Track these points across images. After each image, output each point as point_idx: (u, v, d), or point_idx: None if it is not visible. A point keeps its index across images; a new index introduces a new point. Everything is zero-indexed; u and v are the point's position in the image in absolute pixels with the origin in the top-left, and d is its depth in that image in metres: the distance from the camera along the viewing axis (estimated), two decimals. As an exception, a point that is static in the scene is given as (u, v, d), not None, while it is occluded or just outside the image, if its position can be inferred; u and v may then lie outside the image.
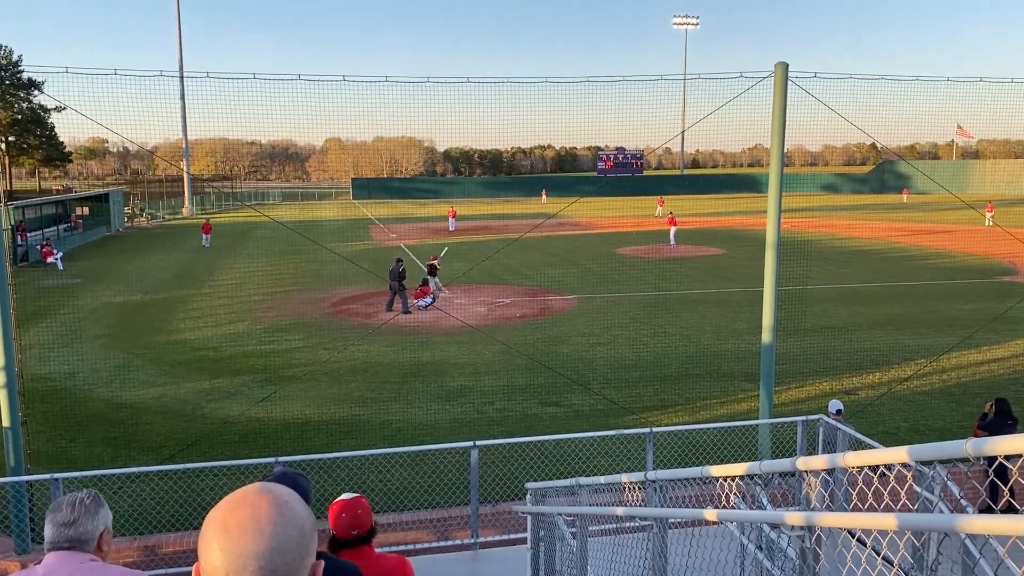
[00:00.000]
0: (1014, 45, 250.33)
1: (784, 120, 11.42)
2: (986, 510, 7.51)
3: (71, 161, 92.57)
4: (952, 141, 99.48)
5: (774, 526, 4.12)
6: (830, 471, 3.16)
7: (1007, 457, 1.94)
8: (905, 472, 4.82)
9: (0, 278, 9.88)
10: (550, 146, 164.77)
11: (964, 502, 5.44)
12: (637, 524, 5.22)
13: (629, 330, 21.81)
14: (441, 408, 15.26)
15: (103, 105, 12.73)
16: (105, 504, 3.11)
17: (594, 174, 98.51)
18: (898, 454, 2.32)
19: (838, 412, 10.98)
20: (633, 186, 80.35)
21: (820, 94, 11.70)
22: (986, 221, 45.56)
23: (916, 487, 5.07)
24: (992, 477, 2.43)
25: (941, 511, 4.72)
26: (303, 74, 13.00)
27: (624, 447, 11.83)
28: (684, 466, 8.78)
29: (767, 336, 11.84)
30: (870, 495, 2.95)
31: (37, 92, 69.42)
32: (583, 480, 6.27)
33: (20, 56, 75.15)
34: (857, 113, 13.23)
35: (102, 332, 22.57)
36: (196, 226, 50.80)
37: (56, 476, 8.62)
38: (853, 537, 3.28)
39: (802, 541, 3.12)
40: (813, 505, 3.33)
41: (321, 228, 51.48)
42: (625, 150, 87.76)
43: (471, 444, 9.50)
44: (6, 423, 10.02)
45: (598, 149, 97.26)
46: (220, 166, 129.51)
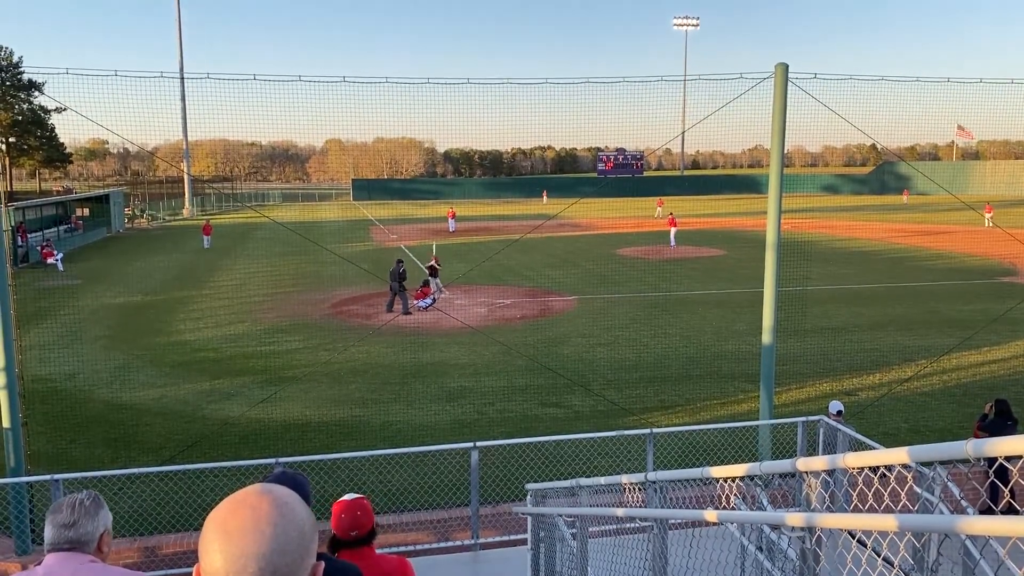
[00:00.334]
0: (1014, 46, 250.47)
1: (784, 121, 11.42)
2: (986, 511, 7.51)
3: (71, 162, 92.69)
4: (952, 142, 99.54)
5: (774, 527, 4.12)
6: (830, 472, 3.16)
7: (1007, 458, 1.94)
8: (905, 473, 4.82)
9: (0, 279, 9.88)
10: (550, 147, 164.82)
11: (964, 503, 5.44)
12: (637, 525, 5.22)
13: (629, 331, 21.80)
14: (441, 409, 15.25)
15: (103, 106, 12.76)
16: (105, 505, 3.11)
17: (594, 175, 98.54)
18: (898, 455, 2.32)
19: (838, 413, 10.98)
20: (633, 187, 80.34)
21: (820, 95, 11.72)
22: (985, 222, 45.55)
23: (916, 488, 5.07)
24: (992, 478, 2.43)
25: (941, 512, 4.72)
26: (303, 75, 13.05)
27: (624, 448, 11.82)
28: (684, 467, 8.79)
29: (767, 337, 11.84)
30: (870, 496, 2.95)
31: (38, 93, 69.57)
32: (583, 481, 6.27)
33: (21, 57, 75.40)
34: (857, 114, 13.24)
35: (102, 333, 22.57)
36: (196, 227, 50.82)
37: (56, 477, 8.62)
38: (853, 538, 3.27)
39: (802, 542, 3.12)
40: (813, 506, 3.32)
41: (321, 229, 51.51)
42: (625, 151, 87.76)
43: (471, 445, 9.50)
44: (6, 424, 10.02)
45: (598, 150, 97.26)
46: (220, 167, 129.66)
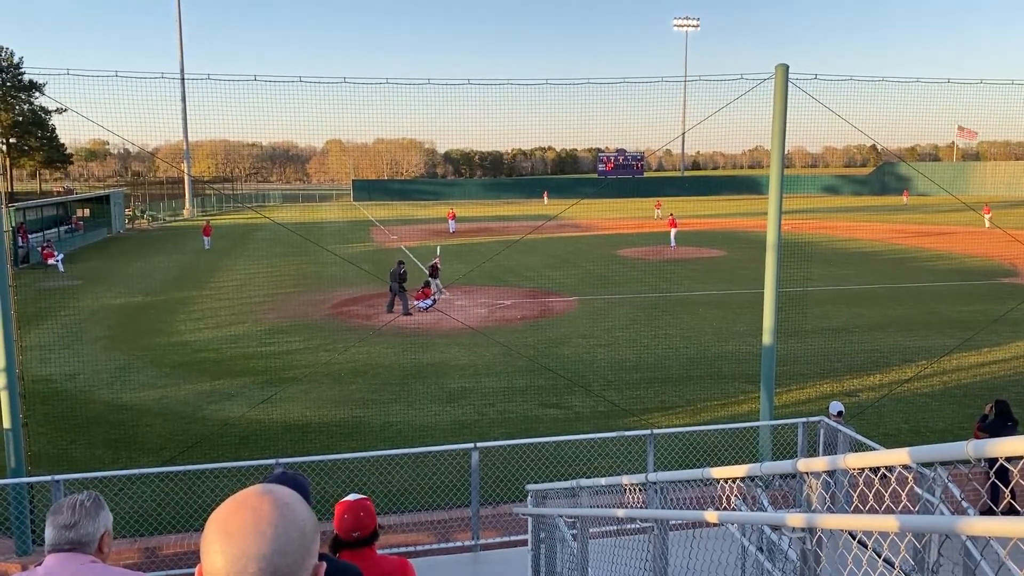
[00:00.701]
0: (1015, 46, 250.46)
1: (785, 122, 11.42)
2: (987, 512, 7.50)
3: (72, 163, 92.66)
4: (953, 143, 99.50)
5: (775, 528, 4.12)
6: (831, 473, 3.16)
7: (1008, 459, 1.94)
8: (906, 474, 4.82)
9: (1, 279, 9.89)
10: (551, 148, 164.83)
11: (965, 504, 5.44)
12: (638, 526, 5.22)
13: (630, 332, 21.80)
14: (442, 410, 15.25)
15: (104, 107, 12.75)
16: (106, 506, 3.11)
17: (595, 176, 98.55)
18: (899, 456, 2.32)
19: (839, 414, 10.97)
20: (634, 188, 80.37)
21: (821, 96, 11.72)
22: (984, 222, 45.55)
23: (917, 489, 5.07)
24: (993, 479, 2.43)
25: (942, 513, 4.72)
26: (304, 76, 13.01)
27: (625, 449, 11.82)
28: (685, 468, 8.79)
29: (768, 338, 11.84)
30: (871, 497, 2.95)
31: (38, 94, 69.54)
32: (584, 482, 6.27)
33: (21, 58, 75.43)
34: (858, 115, 13.22)
35: (103, 334, 22.58)
36: (197, 228, 50.82)
37: (57, 478, 8.62)
38: (854, 539, 3.27)
39: (803, 543, 3.11)
40: (814, 507, 3.32)
41: (322, 230, 51.51)
42: (626, 152, 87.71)
43: (472, 446, 9.50)
44: (7, 424, 10.02)
45: (599, 151, 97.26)
46: (221, 168, 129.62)
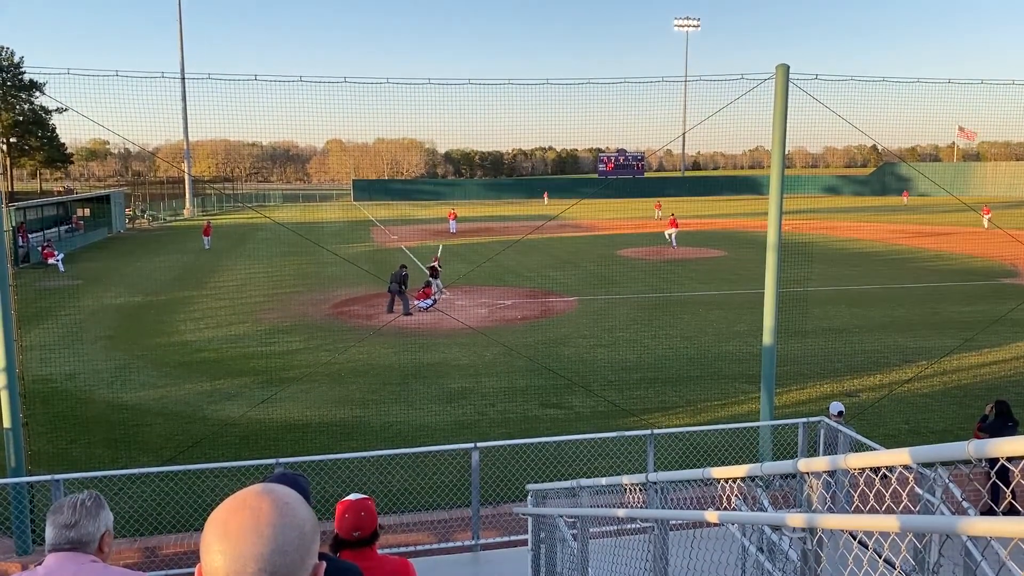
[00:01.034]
0: (1016, 47, 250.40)
1: (785, 122, 11.41)
2: (988, 512, 7.50)
3: (72, 162, 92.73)
4: (953, 143, 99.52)
5: (775, 528, 4.11)
6: (831, 473, 3.16)
7: (1009, 459, 1.94)
8: (907, 474, 4.81)
9: (1, 279, 9.89)
10: (551, 148, 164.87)
11: (965, 504, 5.43)
12: (638, 526, 5.22)
13: (630, 332, 21.79)
14: (442, 410, 15.25)
15: (105, 106, 12.76)
16: (106, 506, 3.11)
17: (595, 176, 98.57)
18: (900, 456, 2.32)
19: (839, 414, 10.97)
20: (634, 188, 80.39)
21: (821, 96, 11.71)
22: (984, 223, 45.63)
23: (918, 489, 5.07)
24: (994, 479, 2.43)
25: (942, 513, 4.71)
26: (304, 75, 13.01)
27: (625, 449, 11.81)
28: (685, 468, 8.78)
29: (768, 338, 11.84)
30: (871, 497, 2.95)
31: (39, 93, 69.61)
32: (584, 482, 6.27)
33: (22, 57, 75.44)
34: (858, 115, 13.21)
35: (103, 333, 22.58)
36: (197, 228, 50.82)
37: (57, 477, 8.62)
38: (854, 539, 3.27)
39: (803, 543, 3.11)
40: (814, 507, 3.32)
41: (322, 230, 51.47)
42: (626, 152, 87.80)
43: (472, 446, 9.50)
44: (7, 424, 10.02)
45: (599, 151, 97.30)
46: (221, 167, 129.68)
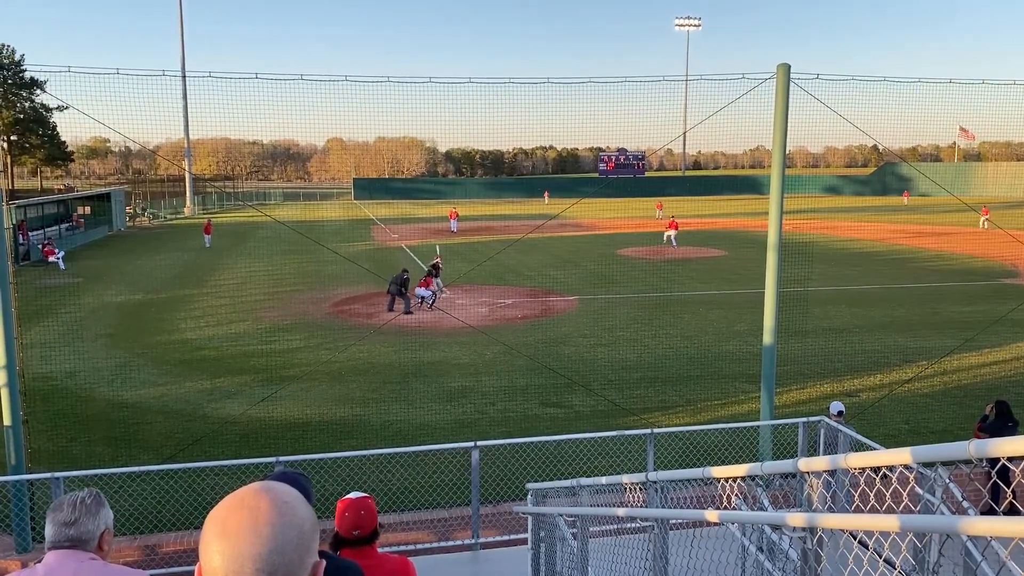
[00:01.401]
0: (1017, 47, 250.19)
1: (786, 122, 11.40)
2: (988, 512, 7.50)
3: (73, 160, 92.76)
4: (954, 143, 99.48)
5: (775, 527, 4.11)
6: (831, 473, 3.15)
7: (1010, 459, 1.93)
8: (907, 474, 4.81)
9: (2, 277, 9.89)
10: (551, 147, 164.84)
11: (966, 504, 5.43)
12: (638, 525, 5.21)
13: (630, 331, 21.79)
14: (442, 408, 15.25)
15: (105, 104, 12.77)
16: (106, 503, 3.10)
17: (596, 175, 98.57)
18: (901, 455, 2.31)
19: (839, 414, 10.97)
20: (635, 187, 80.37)
21: (822, 96, 11.70)
22: (980, 223, 45.79)
23: (918, 489, 5.06)
24: (995, 478, 2.42)
25: (943, 513, 4.71)
26: (305, 74, 12.99)
27: (625, 448, 11.81)
28: (685, 467, 8.78)
29: (768, 338, 11.83)
30: (871, 497, 2.94)
31: (39, 91, 69.60)
32: (584, 481, 6.26)
33: (23, 55, 75.40)
34: (859, 115, 13.21)
35: (103, 331, 22.58)
36: (198, 226, 50.82)
37: (57, 475, 8.62)
38: (855, 539, 3.27)
39: (803, 542, 3.11)
40: (815, 506, 3.32)
41: (322, 228, 51.47)
42: (627, 151, 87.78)
43: (472, 445, 9.50)
44: (7, 422, 10.02)
45: (599, 150, 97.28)
46: (222, 166, 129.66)
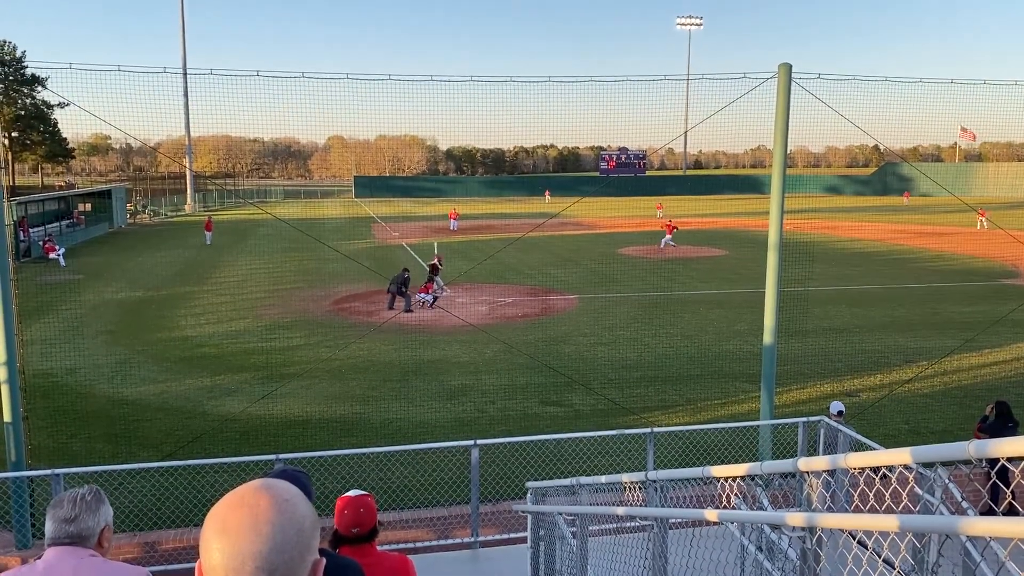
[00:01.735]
0: (1017, 47, 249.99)
1: (787, 121, 11.40)
2: (987, 512, 7.49)
3: (74, 157, 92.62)
4: (955, 143, 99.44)
5: (775, 527, 4.11)
6: (831, 472, 3.15)
7: (1009, 459, 1.93)
8: (907, 474, 4.81)
9: (2, 273, 9.89)
10: (552, 146, 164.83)
11: (965, 504, 5.43)
12: (637, 524, 5.21)
13: (630, 330, 21.79)
14: (442, 407, 15.25)
15: (106, 101, 12.74)
16: (106, 500, 3.10)
17: (597, 174, 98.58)
18: (901, 455, 2.31)
19: (839, 413, 10.97)
20: (636, 186, 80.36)
21: (824, 95, 11.69)
22: (978, 224, 45.89)
23: (917, 489, 5.06)
24: (994, 479, 2.42)
25: (942, 513, 4.71)
26: (306, 71, 13.01)
27: (625, 447, 11.82)
28: (685, 466, 8.79)
29: (768, 337, 11.83)
30: (871, 497, 2.94)
31: (41, 88, 69.46)
32: (583, 480, 6.26)
33: (24, 52, 75.30)
34: (860, 115, 13.20)
35: (104, 328, 22.59)
36: (198, 223, 50.83)
37: (57, 472, 8.63)
38: (854, 539, 3.27)
39: (803, 542, 3.11)
40: (814, 506, 3.32)
41: (323, 226, 51.47)
42: (628, 150, 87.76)
43: (472, 443, 9.50)
44: (7, 418, 10.03)
45: (601, 149, 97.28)
46: (223, 163, 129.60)
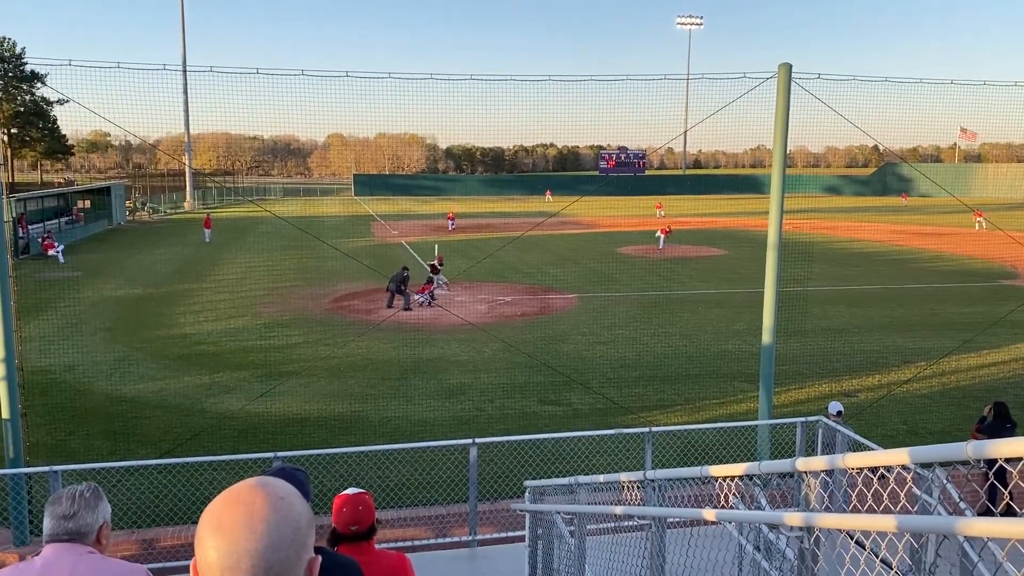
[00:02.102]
0: (1018, 48, 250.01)
1: (787, 121, 11.40)
2: (985, 513, 7.50)
3: (73, 154, 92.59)
4: (955, 144, 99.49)
5: (773, 527, 4.12)
6: (829, 473, 3.16)
7: (1007, 460, 1.94)
8: (905, 474, 4.81)
9: (1, 270, 9.88)
10: (552, 144, 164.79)
11: (963, 505, 5.44)
12: (635, 523, 5.22)
13: (629, 329, 21.80)
14: (440, 405, 15.26)
15: (106, 98, 12.72)
16: (104, 497, 3.10)
17: (596, 173, 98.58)
18: (899, 456, 2.32)
19: (838, 414, 10.98)
20: (635, 186, 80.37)
21: (823, 95, 11.69)
22: (975, 225, 46.00)
23: (915, 489, 5.07)
24: (992, 480, 2.43)
25: (940, 513, 4.72)
26: (306, 69, 13.01)
27: (623, 446, 11.83)
28: (683, 466, 8.79)
29: (767, 337, 11.83)
30: (869, 497, 2.95)
31: (40, 84, 69.41)
32: (582, 479, 6.27)
33: (23, 48, 75.29)
34: (860, 115, 13.20)
35: (102, 325, 22.58)
36: (197, 221, 50.80)
37: (55, 469, 8.63)
38: (852, 539, 3.27)
39: (801, 542, 3.11)
40: (812, 506, 3.32)
41: (322, 224, 51.46)
42: (627, 150, 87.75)
43: (470, 441, 9.50)
44: (6, 415, 10.02)
45: (600, 148, 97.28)
46: (222, 161, 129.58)
